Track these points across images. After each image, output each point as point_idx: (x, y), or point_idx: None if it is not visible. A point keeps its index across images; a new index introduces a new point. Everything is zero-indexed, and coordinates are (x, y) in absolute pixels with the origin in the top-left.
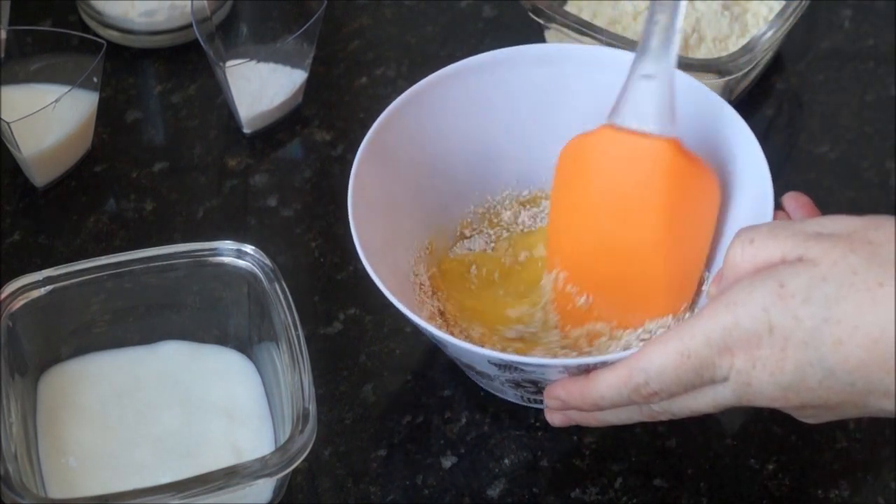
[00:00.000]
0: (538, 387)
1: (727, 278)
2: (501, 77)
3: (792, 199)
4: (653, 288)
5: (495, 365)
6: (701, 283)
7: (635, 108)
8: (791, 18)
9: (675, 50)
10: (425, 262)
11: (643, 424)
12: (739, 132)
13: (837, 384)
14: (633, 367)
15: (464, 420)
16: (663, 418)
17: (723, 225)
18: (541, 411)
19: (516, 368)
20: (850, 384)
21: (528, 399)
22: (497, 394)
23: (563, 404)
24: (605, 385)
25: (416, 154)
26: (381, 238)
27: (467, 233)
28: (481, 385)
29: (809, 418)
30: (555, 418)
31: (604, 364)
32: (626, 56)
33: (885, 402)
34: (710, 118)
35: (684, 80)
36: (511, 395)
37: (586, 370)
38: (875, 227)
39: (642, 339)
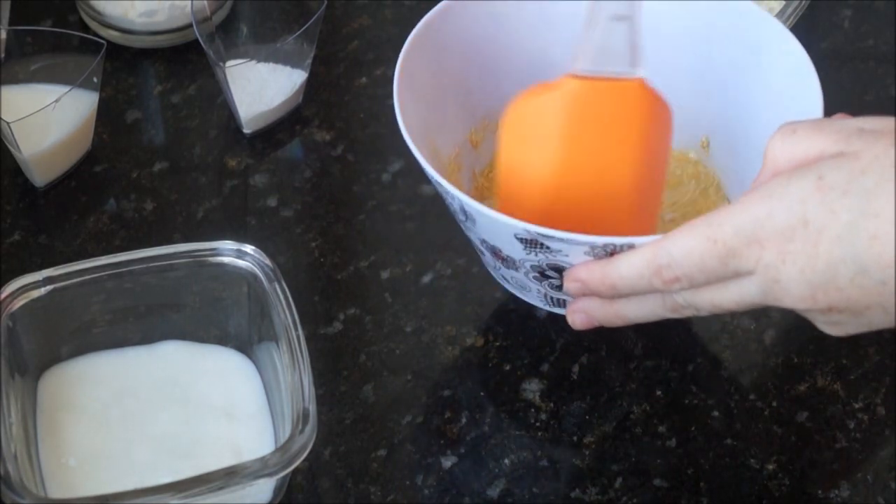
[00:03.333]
0: (562, 276)
1: (766, 169)
2: None
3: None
4: (626, 227)
5: (521, 241)
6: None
7: (604, 50)
8: (791, 18)
9: None
10: (464, 161)
11: (643, 424)
12: (789, 49)
13: (869, 282)
14: (658, 248)
15: (464, 420)
16: (687, 313)
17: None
18: (541, 411)
19: (542, 246)
20: (881, 282)
21: (551, 299)
22: (520, 294)
23: (584, 286)
24: (628, 265)
25: (464, 51)
26: (424, 127)
27: None
28: (506, 284)
29: (834, 326)
30: (576, 318)
31: (630, 246)
32: None
33: None
34: (754, 34)
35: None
36: (534, 294)
37: (612, 251)
38: None
39: None
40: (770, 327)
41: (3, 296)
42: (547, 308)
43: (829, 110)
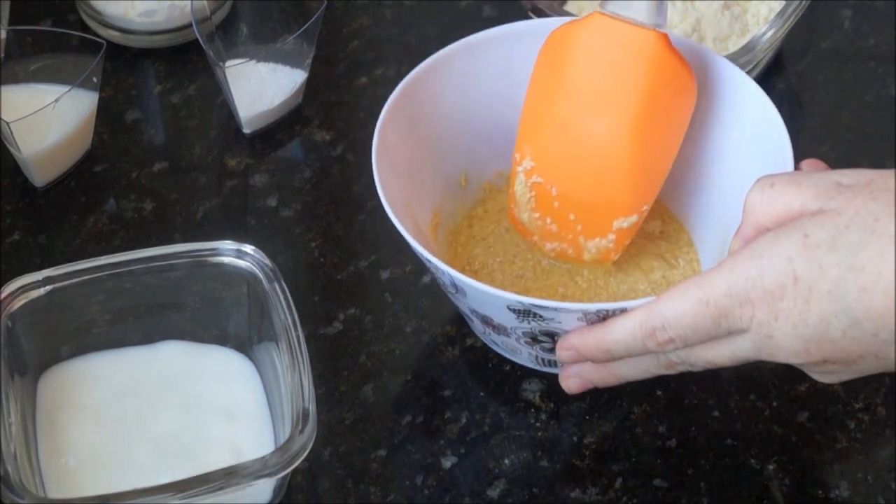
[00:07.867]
0: (554, 340)
1: (746, 223)
2: (523, 50)
3: (810, 166)
4: (619, 182)
5: (514, 312)
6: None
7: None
8: (791, 18)
9: None
10: (441, 227)
11: (643, 424)
12: (753, 96)
13: (861, 334)
14: (651, 312)
15: (464, 420)
16: (681, 369)
17: (742, 184)
18: (541, 411)
19: (535, 315)
20: (873, 333)
21: (542, 360)
22: (510, 356)
23: (577, 353)
24: (621, 329)
25: (437, 118)
26: (401, 197)
27: (479, 210)
28: (496, 348)
29: (828, 375)
30: (570, 383)
31: (622, 311)
32: None
33: None
34: (720, 83)
35: (690, 46)
36: (525, 356)
37: (604, 317)
38: (893, 176)
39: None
40: None
41: (3, 296)
42: (538, 368)
43: (830, 110)
